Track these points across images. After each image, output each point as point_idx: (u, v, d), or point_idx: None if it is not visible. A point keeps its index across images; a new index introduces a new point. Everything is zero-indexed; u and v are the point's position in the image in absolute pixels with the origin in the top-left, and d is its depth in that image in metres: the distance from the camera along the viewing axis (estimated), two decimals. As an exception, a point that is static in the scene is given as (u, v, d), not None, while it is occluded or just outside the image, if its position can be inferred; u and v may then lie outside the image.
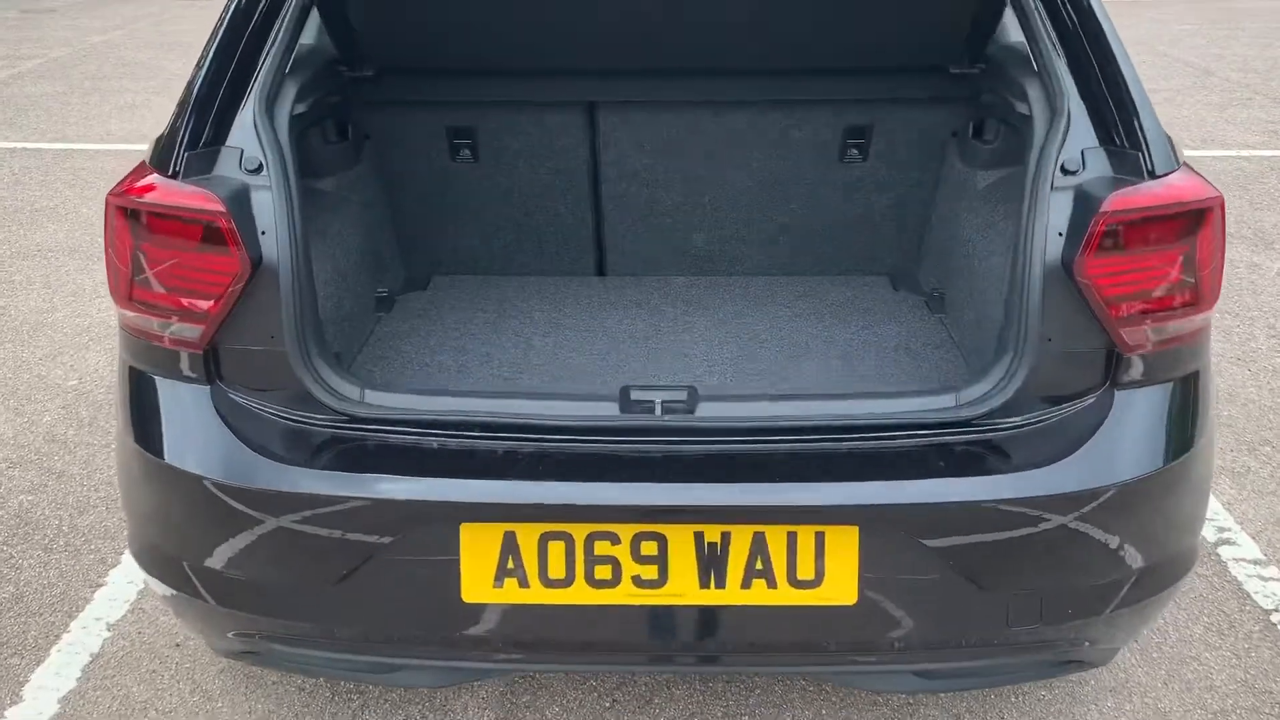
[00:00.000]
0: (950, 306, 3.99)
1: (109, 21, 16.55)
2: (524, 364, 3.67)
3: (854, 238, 4.27)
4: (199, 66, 3.11)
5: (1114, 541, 2.85)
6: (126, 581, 4.07)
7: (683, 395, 3.11)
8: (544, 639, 2.88)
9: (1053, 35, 3.20)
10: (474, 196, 4.19)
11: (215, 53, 3.10)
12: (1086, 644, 2.94)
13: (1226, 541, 4.25)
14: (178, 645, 3.69)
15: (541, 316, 4.05)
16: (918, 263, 4.35)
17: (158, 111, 10.84)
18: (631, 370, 3.64)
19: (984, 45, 3.62)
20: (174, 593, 3.02)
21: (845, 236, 4.26)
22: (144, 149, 3.20)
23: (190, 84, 3.09)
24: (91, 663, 3.63)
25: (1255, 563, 4.12)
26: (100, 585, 4.00)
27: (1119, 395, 2.93)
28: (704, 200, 4.17)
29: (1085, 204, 2.85)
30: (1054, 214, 2.89)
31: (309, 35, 3.63)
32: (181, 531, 3.00)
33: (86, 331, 5.92)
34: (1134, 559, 2.88)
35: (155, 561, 3.05)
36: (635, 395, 3.04)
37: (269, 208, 2.97)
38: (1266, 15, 16.87)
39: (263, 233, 2.94)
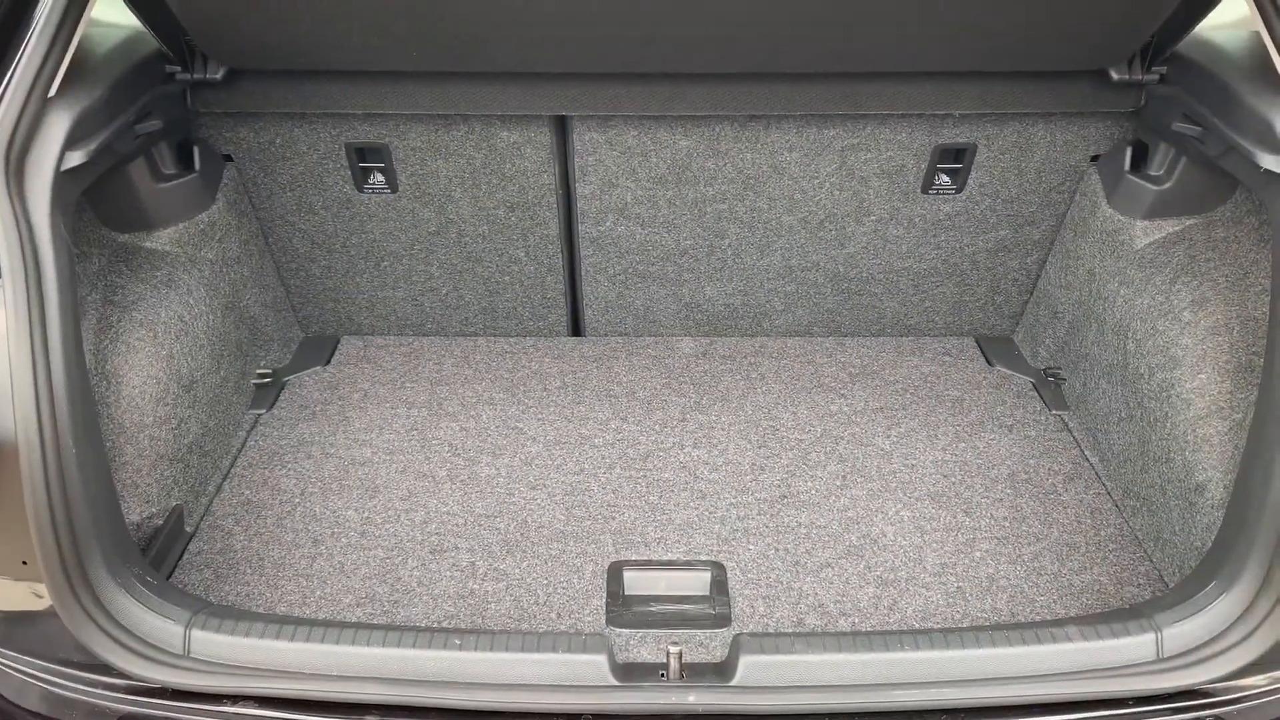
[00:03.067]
0: (1078, 405, 2.78)
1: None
2: (460, 523, 2.45)
3: (933, 291, 3.04)
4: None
5: None
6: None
7: (705, 596, 2.16)
8: None
9: None
10: (392, 237, 2.91)
11: None
12: None
13: None
14: None
15: (490, 416, 2.81)
16: (1018, 325, 3.13)
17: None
18: (621, 525, 2.44)
19: (1177, 40, 2.35)
20: None
21: (920, 289, 3.03)
22: None
23: None
24: None
25: None
26: None
27: None
28: (723, 242, 2.91)
29: None
30: None
31: (112, 10, 2.32)
32: None
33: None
34: None
35: None
36: (632, 618, 2.08)
37: (2, 351, 1.74)
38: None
39: None
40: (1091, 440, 2.68)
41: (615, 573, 2.30)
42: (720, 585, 2.27)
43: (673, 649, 1.89)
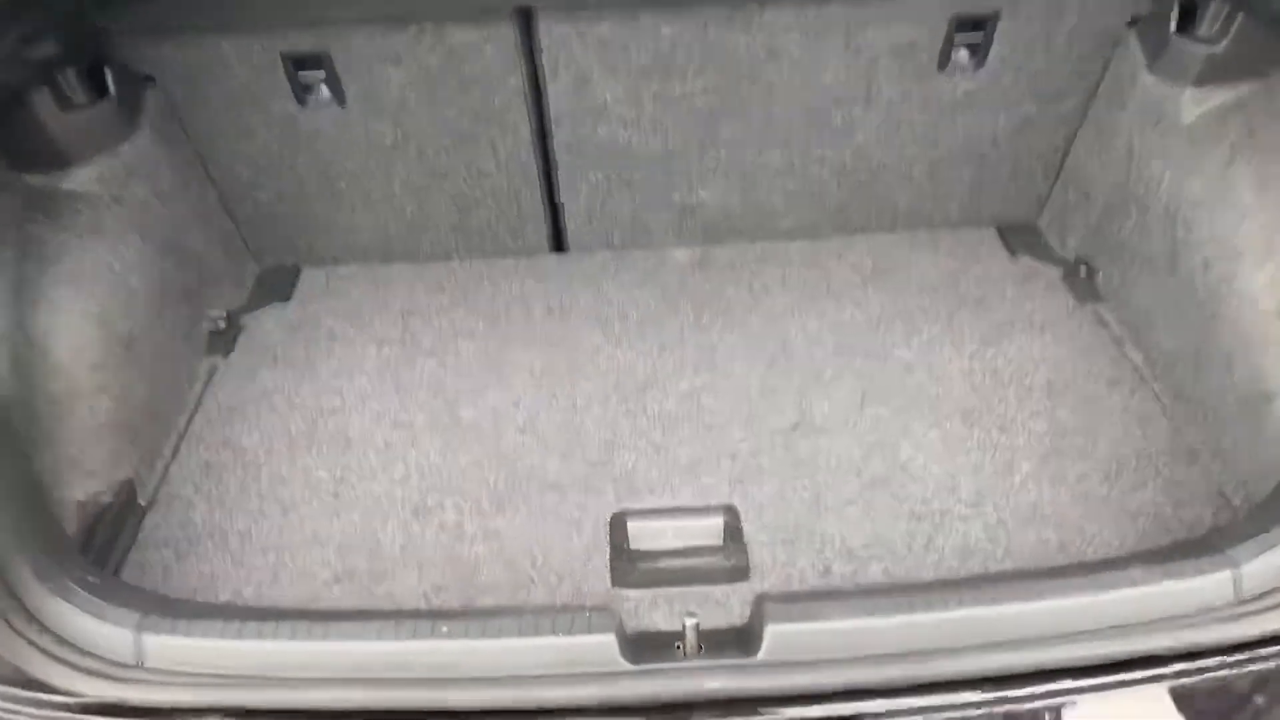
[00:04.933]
0: (1115, 299, 2.52)
1: None
2: (444, 477, 2.21)
3: (950, 178, 2.74)
4: None
5: None
6: None
7: (722, 551, 1.95)
8: None
9: None
10: (345, 155, 2.61)
11: None
12: None
13: None
14: None
15: (470, 350, 2.55)
16: (1043, 210, 2.85)
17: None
18: (621, 469, 2.21)
19: None
20: None
21: (937, 177, 2.74)
22: None
23: None
24: None
25: None
26: None
27: None
28: (717, 138, 2.61)
29: None
30: None
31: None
32: None
33: None
34: None
35: None
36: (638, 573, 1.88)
37: None
38: None
39: None
40: (1134, 337, 2.43)
41: (618, 525, 2.07)
42: (734, 532, 2.04)
43: (689, 621, 1.67)
